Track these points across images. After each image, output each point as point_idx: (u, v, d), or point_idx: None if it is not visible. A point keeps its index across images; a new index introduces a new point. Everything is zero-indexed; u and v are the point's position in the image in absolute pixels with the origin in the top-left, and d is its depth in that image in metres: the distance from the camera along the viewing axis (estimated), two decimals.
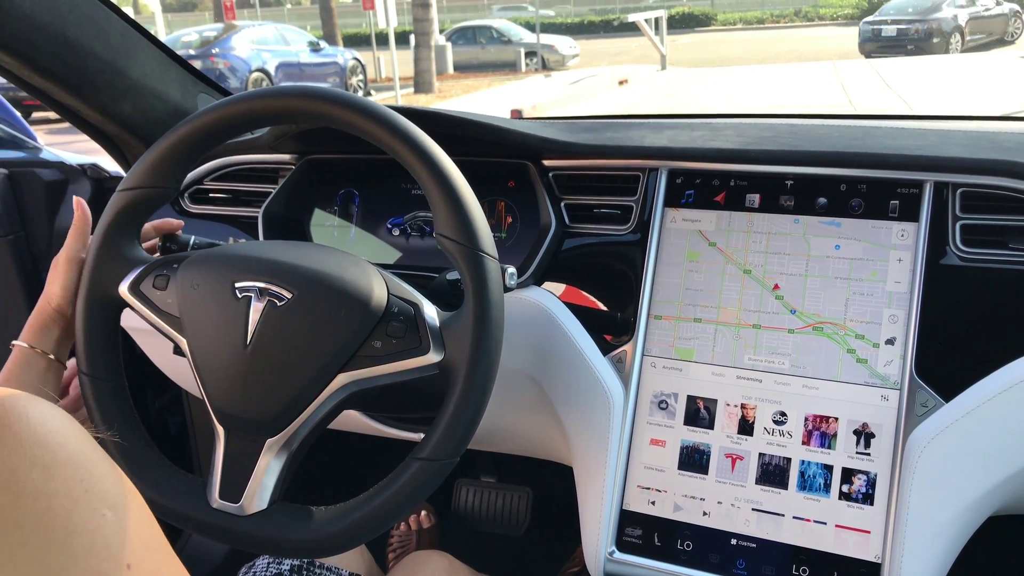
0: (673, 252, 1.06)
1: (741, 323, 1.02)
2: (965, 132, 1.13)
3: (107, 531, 0.43)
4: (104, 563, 0.42)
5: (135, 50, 1.21)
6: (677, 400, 1.02)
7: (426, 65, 14.40)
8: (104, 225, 0.88)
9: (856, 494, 0.94)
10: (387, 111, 0.82)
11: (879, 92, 10.73)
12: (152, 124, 1.27)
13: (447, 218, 0.79)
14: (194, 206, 1.34)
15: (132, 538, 0.45)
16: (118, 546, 0.44)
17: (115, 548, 0.43)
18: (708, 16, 33.71)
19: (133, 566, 0.44)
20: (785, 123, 1.23)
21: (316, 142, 1.22)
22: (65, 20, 1.08)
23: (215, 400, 0.82)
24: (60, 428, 0.45)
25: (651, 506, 1.01)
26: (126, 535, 0.44)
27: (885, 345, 0.96)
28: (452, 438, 0.77)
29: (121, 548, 0.44)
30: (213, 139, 0.87)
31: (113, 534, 0.44)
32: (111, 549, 0.43)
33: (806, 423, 0.97)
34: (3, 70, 1.10)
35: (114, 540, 0.44)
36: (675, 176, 1.09)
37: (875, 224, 1.00)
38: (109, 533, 0.43)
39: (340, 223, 1.26)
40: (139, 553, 0.45)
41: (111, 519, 0.44)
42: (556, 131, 1.15)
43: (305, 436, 0.81)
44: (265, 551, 0.81)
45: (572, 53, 20.08)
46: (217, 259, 0.85)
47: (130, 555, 0.44)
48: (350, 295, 0.80)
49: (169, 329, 0.85)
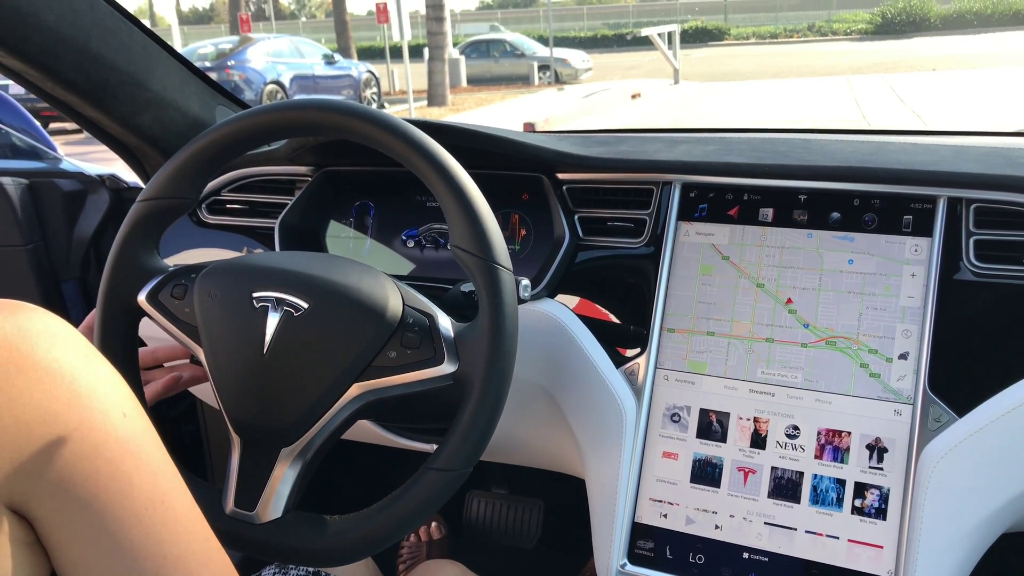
0: (686, 265, 1.07)
1: (754, 337, 1.02)
2: (979, 148, 1.13)
3: (106, 380, 0.50)
4: (103, 405, 0.49)
5: (155, 63, 1.23)
6: (689, 413, 1.03)
7: (440, 78, 14.47)
8: (123, 235, 0.89)
9: (869, 509, 0.94)
10: (404, 124, 0.83)
11: (893, 107, 10.71)
12: (171, 136, 1.29)
13: (462, 230, 0.80)
14: (211, 217, 1.35)
15: (124, 390, 0.51)
16: (117, 395, 0.50)
17: (114, 396, 0.49)
18: (721, 30, 33.77)
19: (128, 415, 0.50)
20: (798, 138, 1.23)
21: (333, 154, 1.24)
22: (88, 33, 1.10)
23: (231, 409, 0.83)
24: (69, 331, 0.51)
25: (663, 519, 1.01)
26: (122, 386, 0.51)
27: (898, 360, 0.96)
28: (466, 448, 0.78)
29: (120, 398, 0.50)
30: (232, 151, 0.89)
31: (112, 383, 0.50)
32: (110, 396, 0.49)
33: (819, 437, 0.97)
34: (27, 82, 1.11)
35: (113, 389, 0.50)
36: (688, 190, 1.09)
37: (888, 239, 1.00)
38: (108, 382, 0.50)
39: (356, 235, 1.27)
40: (131, 403, 0.51)
41: (108, 372, 0.51)
42: (570, 144, 1.16)
43: (320, 445, 0.82)
44: (279, 559, 0.82)
45: (585, 67, 20.15)
46: (235, 269, 0.86)
47: (124, 405, 0.50)
48: (366, 306, 0.81)
49: (186, 338, 0.86)
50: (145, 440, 0.51)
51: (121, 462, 0.48)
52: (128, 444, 0.49)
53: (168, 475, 0.52)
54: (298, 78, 14.21)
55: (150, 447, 0.51)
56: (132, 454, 0.49)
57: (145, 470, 0.50)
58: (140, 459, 0.50)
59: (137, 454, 0.50)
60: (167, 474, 0.52)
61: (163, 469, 0.52)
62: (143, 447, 0.50)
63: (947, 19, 29.73)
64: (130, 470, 0.49)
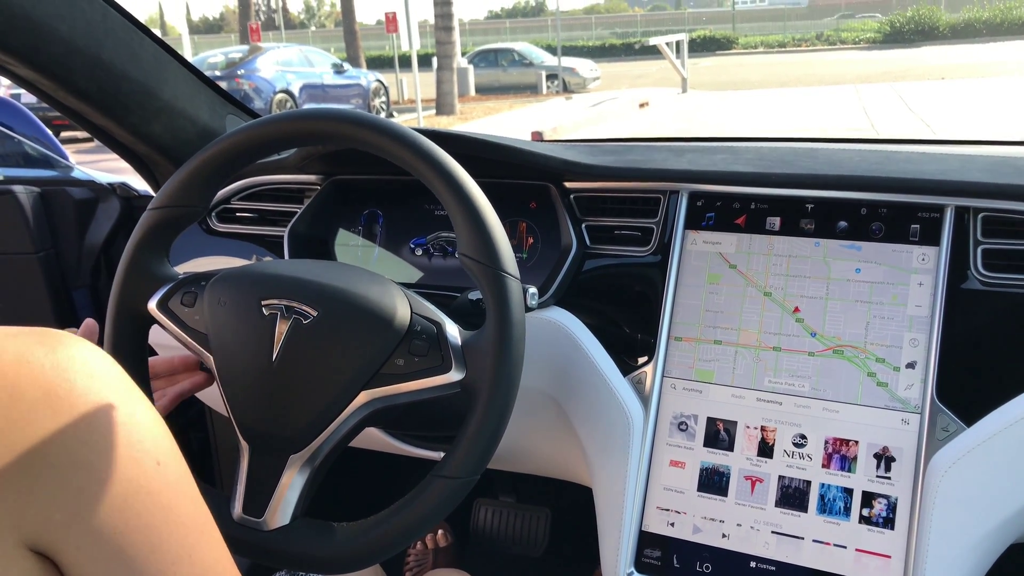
0: (693, 274, 1.07)
1: (761, 345, 1.02)
2: (987, 157, 1.13)
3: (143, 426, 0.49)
4: (136, 453, 0.48)
5: (166, 72, 1.24)
6: (697, 422, 1.03)
7: (448, 87, 14.52)
8: (134, 243, 0.90)
9: (876, 518, 0.94)
10: (412, 133, 0.83)
11: (901, 116, 10.69)
12: (182, 144, 1.30)
13: (470, 238, 0.80)
14: (221, 225, 1.36)
15: (160, 432, 0.50)
16: (151, 442, 0.49)
17: (148, 443, 0.49)
18: (729, 39, 33.81)
19: (161, 463, 0.49)
20: (806, 147, 1.23)
21: (341, 163, 1.24)
22: (100, 43, 1.11)
23: (240, 416, 0.83)
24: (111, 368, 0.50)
25: (670, 527, 1.01)
26: (157, 429, 0.50)
27: (906, 369, 0.96)
28: (473, 456, 0.78)
29: (154, 445, 0.49)
30: (242, 160, 0.89)
31: (148, 427, 0.49)
32: (143, 444, 0.48)
33: (826, 446, 0.97)
34: (39, 91, 1.13)
35: (148, 434, 0.49)
36: (696, 199, 1.09)
37: (896, 248, 1.00)
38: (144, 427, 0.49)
39: (364, 243, 1.28)
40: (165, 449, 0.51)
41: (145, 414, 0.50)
42: (578, 153, 1.16)
43: (328, 452, 0.82)
44: (287, 566, 0.82)
45: (593, 76, 20.19)
46: (245, 277, 0.87)
47: (159, 453, 0.49)
48: (374, 313, 0.81)
49: (196, 345, 0.87)
50: (177, 491, 0.50)
51: (151, 516, 0.48)
52: (159, 497, 0.49)
53: (198, 526, 0.51)
54: (307, 87, 14.27)
55: (180, 498, 0.50)
56: (162, 508, 0.49)
57: (175, 523, 0.49)
58: (170, 512, 0.49)
59: (167, 507, 0.49)
60: (196, 525, 0.51)
61: (193, 521, 0.51)
62: (173, 499, 0.50)
63: (956, 28, 29.71)
64: (159, 524, 0.48)
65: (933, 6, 30.72)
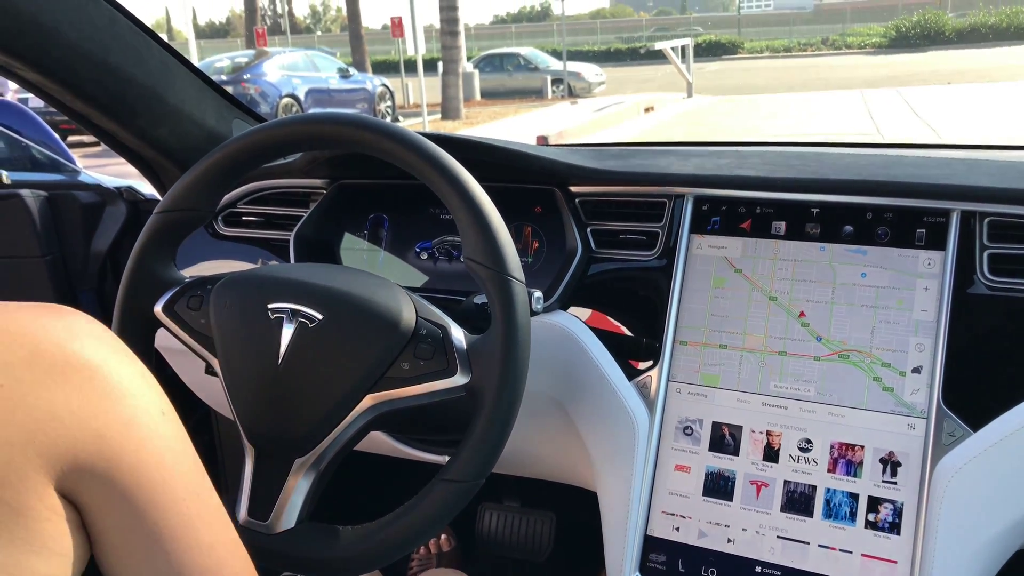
0: (699, 278, 1.07)
1: (767, 350, 1.02)
2: (993, 161, 1.13)
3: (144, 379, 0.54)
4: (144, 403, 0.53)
5: (173, 77, 1.24)
6: (702, 426, 1.02)
7: (454, 92, 14.54)
8: (140, 246, 0.90)
9: (882, 523, 0.94)
10: (417, 137, 0.83)
11: (908, 120, 10.67)
12: (188, 149, 1.30)
13: (475, 242, 0.80)
14: (227, 229, 1.36)
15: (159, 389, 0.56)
16: (154, 393, 0.55)
17: (151, 395, 0.54)
18: (735, 44, 33.82)
19: (165, 413, 0.55)
20: (812, 151, 1.23)
21: (347, 167, 1.25)
22: (108, 48, 1.11)
23: (246, 419, 0.83)
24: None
25: (675, 532, 1.01)
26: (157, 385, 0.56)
27: (912, 373, 0.96)
28: (478, 460, 0.78)
29: (157, 396, 0.55)
30: (248, 164, 0.90)
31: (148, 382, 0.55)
32: (147, 395, 0.54)
33: (832, 451, 0.97)
34: (47, 95, 1.13)
35: (150, 388, 0.55)
36: (701, 203, 1.09)
37: (901, 252, 1.00)
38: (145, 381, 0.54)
39: (369, 247, 1.28)
40: (166, 402, 0.56)
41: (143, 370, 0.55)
42: (583, 157, 1.17)
43: (333, 456, 0.82)
44: (292, 569, 0.82)
45: (598, 80, 20.18)
46: (251, 280, 0.87)
47: (162, 404, 0.55)
48: (379, 317, 0.82)
49: (202, 349, 0.87)
50: (181, 437, 0.56)
51: (163, 455, 0.53)
52: (168, 440, 0.54)
53: (199, 471, 0.56)
54: (313, 91, 14.30)
55: (185, 443, 0.56)
56: (172, 449, 0.54)
57: (183, 464, 0.54)
58: (178, 454, 0.54)
59: (176, 449, 0.54)
60: (199, 470, 0.56)
61: (196, 466, 0.56)
62: (179, 443, 0.55)
63: (962, 33, 29.66)
64: (171, 463, 0.53)
65: (939, 11, 30.70)
